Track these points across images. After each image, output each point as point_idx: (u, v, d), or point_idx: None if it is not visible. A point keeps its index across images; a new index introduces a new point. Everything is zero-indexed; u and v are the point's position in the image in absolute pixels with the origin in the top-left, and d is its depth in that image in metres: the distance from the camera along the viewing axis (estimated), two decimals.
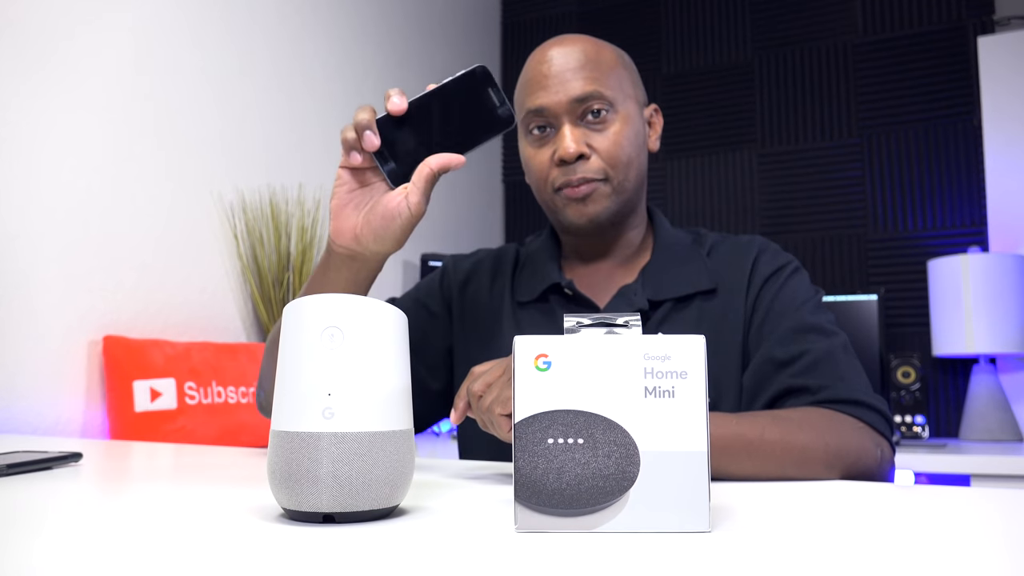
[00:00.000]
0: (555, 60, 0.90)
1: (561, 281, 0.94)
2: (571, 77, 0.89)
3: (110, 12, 1.56)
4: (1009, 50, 2.29)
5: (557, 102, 0.89)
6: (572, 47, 0.91)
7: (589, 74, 0.89)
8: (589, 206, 0.90)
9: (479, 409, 0.66)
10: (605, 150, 0.89)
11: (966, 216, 2.36)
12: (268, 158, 1.94)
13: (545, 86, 0.90)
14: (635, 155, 0.91)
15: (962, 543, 0.38)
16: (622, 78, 0.92)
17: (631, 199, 0.93)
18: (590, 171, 0.89)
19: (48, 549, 0.36)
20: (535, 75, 0.91)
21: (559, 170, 0.90)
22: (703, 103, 2.73)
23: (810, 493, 0.55)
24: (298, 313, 0.45)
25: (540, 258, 0.99)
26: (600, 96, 0.89)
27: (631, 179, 0.91)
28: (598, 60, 0.91)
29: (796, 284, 0.91)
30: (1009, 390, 2.24)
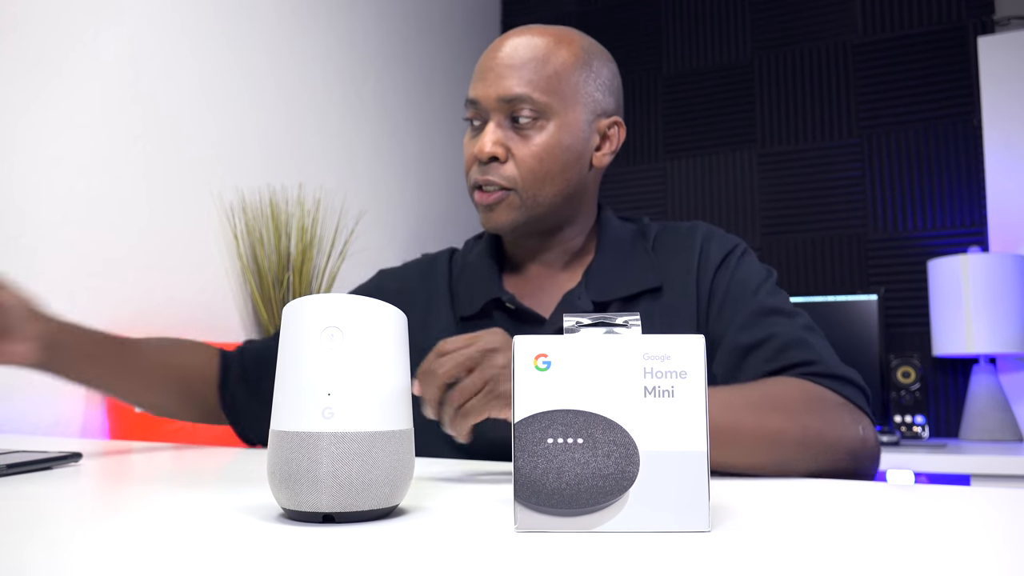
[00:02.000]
0: (502, 51, 0.86)
1: (502, 296, 0.90)
2: (507, 74, 0.85)
3: (110, 13, 1.56)
4: (1009, 50, 2.29)
5: (486, 96, 0.86)
6: (526, 41, 0.86)
7: (527, 76, 0.85)
8: (495, 214, 0.87)
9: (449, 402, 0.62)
10: (522, 159, 0.85)
11: (966, 216, 2.36)
12: (268, 158, 1.94)
13: (483, 77, 0.87)
14: (559, 170, 0.86)
15: (962, 543, 0.38)
16: (575, 84, 0.86)
17: (546, 215, 0.88)
18: (501, 176, 0.85)
19: (48, 549, 0.36)
20: (482, 62, 0.88)
21: (476, 167, 0.87)
22: (703, 103, 2.73)
23: (810, 493, 0.56)
24: (298, 313, 0.45)
25: (480, 268, 0.94)
26: (529, 101, 0.84)
27: (546, 195, 0.86)
28: (546, 61, 0.85)
29: (748, 267, 0.88)
30: (1009, 390, 2.24)
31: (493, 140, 0.85)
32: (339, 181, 2.18)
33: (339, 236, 2.15)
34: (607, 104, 0.90)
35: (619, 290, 0.89)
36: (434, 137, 2.62)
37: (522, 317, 0.90)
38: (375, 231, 2.31)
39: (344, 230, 2.17)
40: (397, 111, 2.44)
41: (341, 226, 2.16)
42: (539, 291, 0.93)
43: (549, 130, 0.85)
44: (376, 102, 2.35)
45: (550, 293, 0.93)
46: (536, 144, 0.85)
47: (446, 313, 0.94)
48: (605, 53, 0.92)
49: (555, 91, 0.85)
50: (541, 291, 0.93)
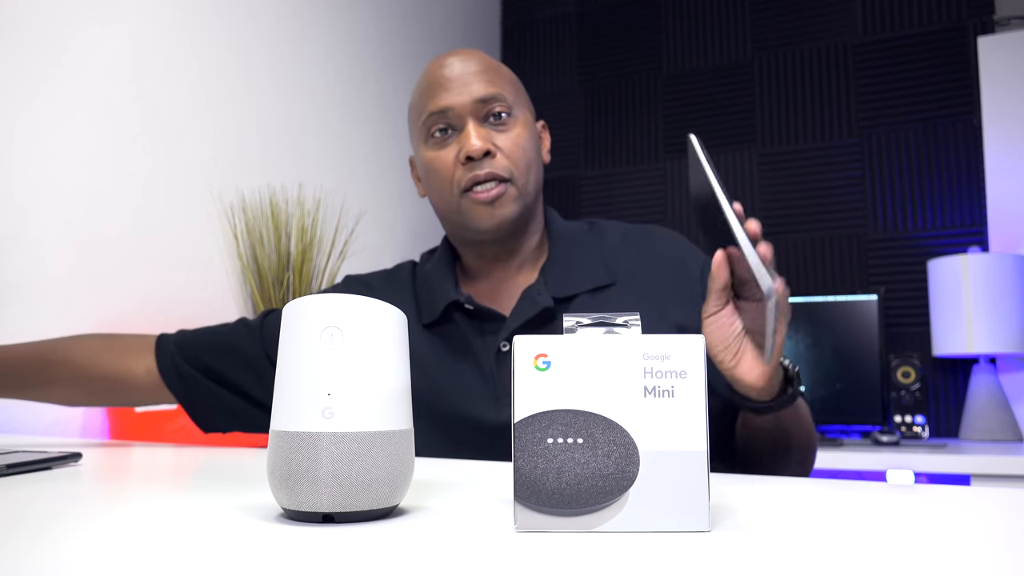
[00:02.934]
0: (455, 65, 0.92)
1: (459, 297, 0.92)
2: (473, 80, 0.91)
3: (110, 12, 1.56)
4: (1009, 50, 2.29)
5: (461, 103, 0.89)
6: (469, 55, 0.94)
7: (490, 78, 0.91)
8: (498, 209, 0.89)
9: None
10: (509, 150, 0.90)
11: (966, 216, 2.36)
12: (268, 158, 1.94)
13: (448, 88, 0.90)
14: (534, 159, 0.93)
15: (962, 543, 0.38)
16: (518, 89, 0.95)
17: (531, 204, 0.93)
18: (497, 168, 0.89)
19: (48, 549, 0.36)
20: (436, 78, 0.92)
21: (465, 168, 0.89)
22: (703, 103, 2.73)
23: (810, 493, 0.56)
24: (298, 313, 0.45)
25: (435, 276, 0.97)
26: (502, 99, 0.91)
27: (532, 183, 0.92)
28: (497, 68, 0.94)
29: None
30: (1009, 390, 2.24)
31: (481, 136, 0.89)
32: (339, 181, 2.18)
33: (339, 236, 2.15)
34: (533, 110, 0.99)
35: (578, 285, 0.92)
36: None
37: (483, 317, 0.92)
38: (375, 231, 2.31)
39: (344, 230, 2.17)
40: (397, 111, 2.44)
41: (341, 226, 2.16)
42: (497, 292, 0.96)
43: (519, 123, 0.92)
44: (376, 102, 2.35)
45: (508, 292, 0.95)
46: (516, 135, 0.91)
47: (412, 320, 0.97)
48: None
49: (513, 92, 0.93)
50: (499, 291, 0.96)
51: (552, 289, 0.91)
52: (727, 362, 0.70)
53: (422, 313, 0.96)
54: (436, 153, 0.91)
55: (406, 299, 0.98)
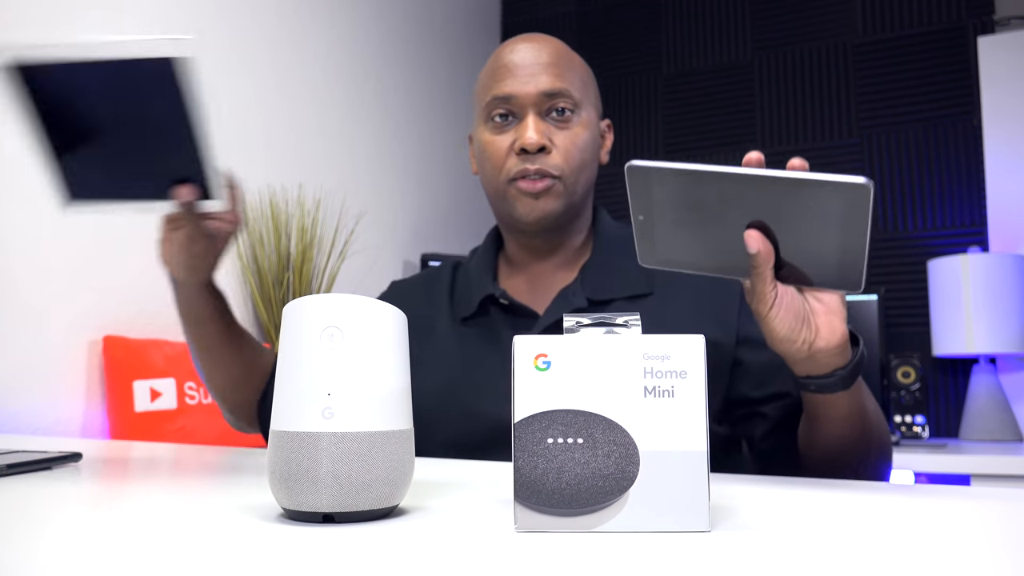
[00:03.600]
0: (528, 52, 0.90)
1: (495, 291, 0.92)
2: (541, 71, 0.89)
3: (109, 12, 1.56)
4: (1009, 50, 2.29)
5: (526, 92, 0.88)
6: (547, 43, 0.91)
7: (560, 72, 0.90)
8: (541, 202, 0.89)
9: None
10: (565, 148, 0.89)
11: (966, 216, 2.36)
12: (268, 158, 1.94)
13: (515, 75, 0.89)
14: (589, 160, 0.92)
15: (962, 543, 0.38)
16: (587, 85, 0.93)
17: (578, 204, 0.92)
18: (549, 165, 0.88)
19: (48, 549, 0.36)
20: (505, 63, 0.91)
21: (518, 159, 0.89)
22: (703, 103, 2.73)
23: (810, 493, 0.56)
24: (298, 313, 0.45)
25: (475, 270, 0.97)
26: (568, 95, 0.89)
27: (582, 183, 0.91)
28: (570, 61, 0.91)
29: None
30: (1009, 390, 2.24)
31: (539, 131, 0.88)
32: (339, 181, 2.18)
33: (339, 236, 2.15)
34: (600, 108, 0.97)
35: (615, 290, 0.91)
36: (434, 137, 2.62)
37: (516, 312, 0.92)
38: (375, 231, 2.31)
39: (344, 230, 2.17)
40: (398, 111, 2.44)
41: (341, 226, 2.16)
42: (535, 288, 0.96)
43: (581, 122, 0.91)
44: (377, 102, 2.35)
45: (546, 290, 0.95)
46: (575, 134, 0.90)
47: (446, 317, 0.97)
48: None
49: (581, 87, 0.91)
50: (537, 288, 0.96)
51: (588, 291, 0.90)
52: (810, 338, 0.64)
53: (460, 307, 0.96)
54: (493, 137, 0.91)
55: (442, 298, 0.99)
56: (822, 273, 0.62)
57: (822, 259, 0.61)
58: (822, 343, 0.64)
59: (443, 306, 0.98)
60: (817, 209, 0.57)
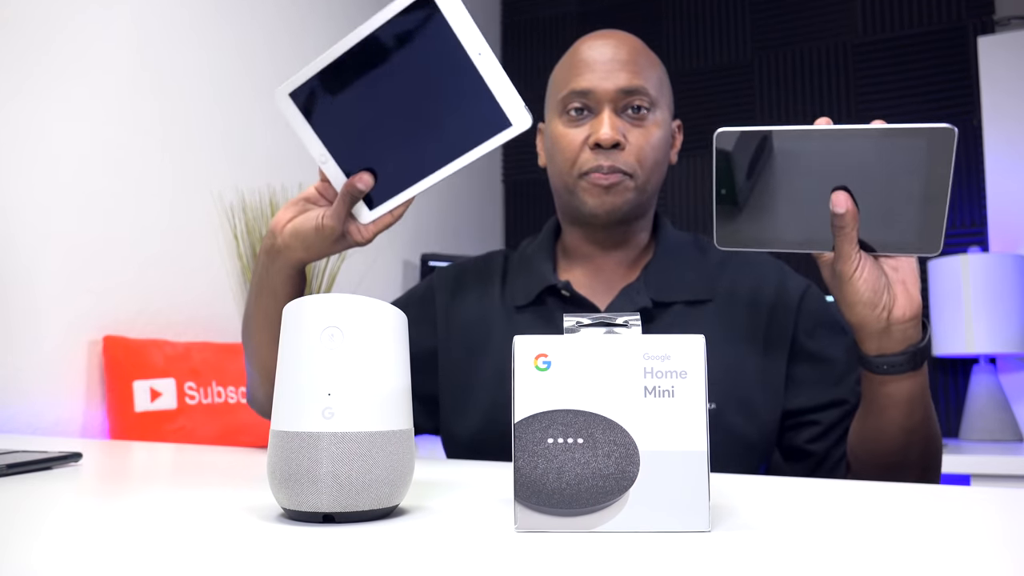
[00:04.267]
0: (607, 48, 0.90)
1: (557, 283, 0.92)
2: (620, 68, 0.89)
3: (110, 12, 1.56)
4: (1009, 50, 2.29)
5: (603, 88, 0.88)
6: (625, 39, 0.92)
7: (638, 69, 0.90)
8: (612, 195, 0.89)
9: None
10: (639, 147, 0.89)
11: (966, 216, 2.36)
12: (268, 158, 1.94)
13: (594, 69, 0.89)
14: (661, 160, 0.92)
15: (962, 543, 0.38)
16: (663, 84, 0.93)
17: (646, 202, 0.92)
18: (621, 162, 0.88)
19: (48, 549, 0.36)
20: (584, 57, 0.91)
21: (591, 154, 0.89)
22: (703, 103, 2.73)
23: (810, 493, 0.56)
24: (298, 313, 0.45)
25: (536, 260, 0.97)
26: (645, 93, 0.89)
27: (653, 182, 0.91)
28: (648, 59, 0.92)
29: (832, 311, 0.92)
30: (1009, 390, 2.24)
31: (615, 127, 0.88)
32: None
33: None
34: (673, 108, 0.97)
35: (678, 293, 0.91)
36: None
37: (577, 305, 0.92)
38: None
39: None
40: None
41: None
42: (595, 282, 0.96)
43: (656, 122, 0.91)
44: None
45: (606, 284, 0.95)
46: (650, 133, 0.90)
47: (498, 305, 0.96)
48: None
49: (657, 87, 0.91)
50: (597, 282, 0.96)
51: (652, 291, 0.90)
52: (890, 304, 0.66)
53: (515, 296, 0.95)
54: (567, 130, 0.91)
55: (494, 286, 0.98)
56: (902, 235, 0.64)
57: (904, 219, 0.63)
58: (899, 311, 0.66)
59: (495, 296, 0.97)
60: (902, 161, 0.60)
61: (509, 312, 0.95)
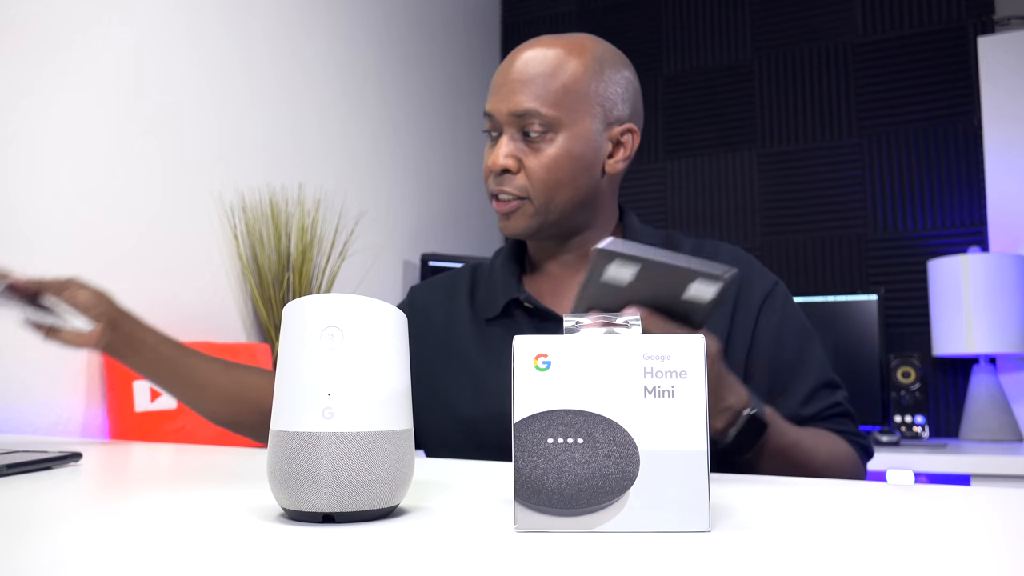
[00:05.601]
0: (513, 66, 0.90)
1: (520, 295, 0.93)
2: (518, 89, 0.88)
3: (110, 12, 1.56)
4: (1009, 50, 2.29)
5: (499, 111, 0.89)
6: (537, 54, 0.89)
7: (536, 91, 0.87)
8: (511, 221, 0.90)
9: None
10: (533, 171, 0.88)
11: (966, 216, 2.36)
12: (268, 158, 1.94)
13: (496, 91, 0.90)
14: (568, 179, 0.89)
15: (962, 543, 0.38)
16: (585, 95, 0.88)
17: (560, 220, 0.91)
18: (512, 187, 0.89)
19: (48, 549, 0.36)
20: (496, 76, 0.92)
21: (492, 178, 0.91)
22: (703, 103, 2.73)
23: (810, 493, 0.56)
24: (298, 313, 0.45)
25: (501, 271, 0.98)
26: (538, 115, 0.87)
27: (558, 202, 0.89)
28: (555, 75, 0.87)
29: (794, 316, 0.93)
30: (1009, 390, 2.24)
31: (505, 153, 0.89)
32: (339, 181, 2.18)
33: (339, 236, 2.15)
34: (620, 112, 0.92)
35: None
36: (434, 137, 2.62)
37: (541, 316, 0.93)
38: (375, 231, 2.31)
39: (344, 230, 2.17)
40: (398, 111, 2.44)
41: (341, 226, 2.16)
42: (559, 290, 0.96)
43: (558, 142, 0.88)
44: (377, 102, 2.35)
45: (568, 292, 0.96)
46: (546, 156, 0.88)
47: (467, 319, 0.98)
48: (620, 60, 0.93)
49: (563, 104, 0.88)
50: (561, 291, 0.96)
51: None
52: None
53: (482, 309, 0.97)
54: (486, 152, 0.93)
55: (462, 301, 1.00)
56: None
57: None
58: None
59: (464, 310, 0.99)
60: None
61: (480, 325, 0.96)
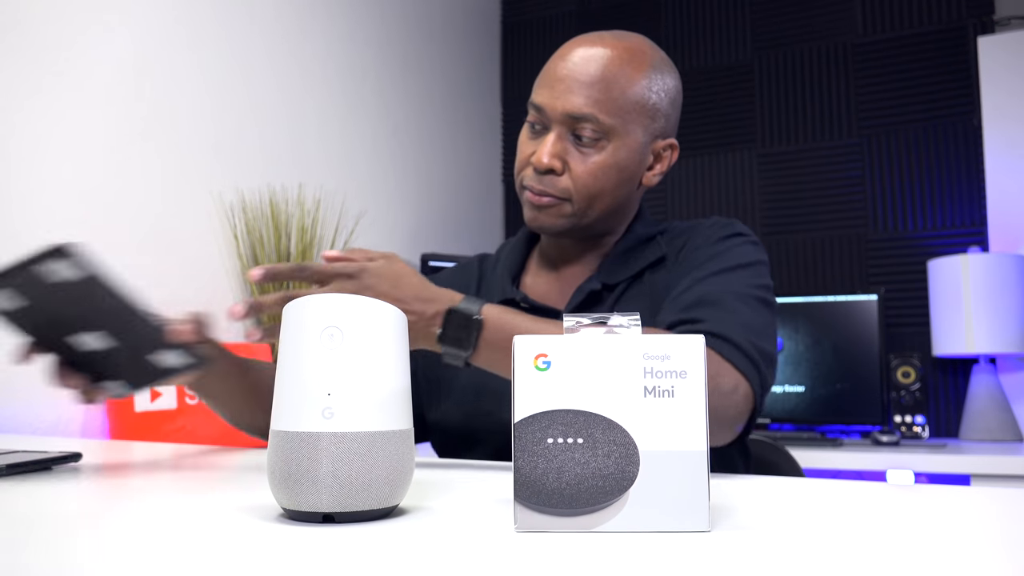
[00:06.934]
0: (573, 63, 0.86)
1: (515, 296, 0.93)
2: (577, 90, 0.85)
3: (110, 13, 1.56)
4: (1009, 50, 2.29)
5: (552, 107, 0.86)
6: (596, 54, 0.86)
7: (596, 94, 0.85)
8: (542, 216, 0.89)
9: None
10: (578, 176, 0.86)
11: (966, 216, 2.36)
12: (268, 158, 1.94)
13: (552, 85, 0.87)
14: (610, 188, 0.88)
15: (962, 543, 0.38)
16: (638, 104, 0.87)
17: (592, 224, 0.90)
18: (553, 187, 0.87)
19: (48, 549, 0.36)
20: (551, 69, 0.88)
21: (530, 171, 0.88)
22: (703, 103, 2.73)
23: (810, 492, 0.55)
24: (298, 313, 0.45)
25: (502, 268, 0.98)
26: (595, 121, 0.85)
27: (596, 209, 0.88)
28: (615, 80, 0.85)
29: (731, 244, 0.88)
30: (1009, 390, 2.24)
31: (552, 153, 0.86)
32: (339, 181, 2.18)
33: (339, 236, 2.15)
34: (665, 125, 0.91)
35: (626, 272, 0.91)
36: (434, 137, 2.62)
37: (539, 312, 0.92)
38: (375, 231, 2.31)
39: (344, 230, 2.17)
40: (397, 111, 2.44)
41: (341, 226, 2.16)
42: (559, 285, 0.96)
43: (608, 150, 0.87)
44: (376, 102, 2.35)
45: (569, 287, 0.95)
46: (594, 163, 0.86)
47: None
48: (671, 68, 0.91)
49: (619, 113, 0.86)
50: (561, 286, 0.96)
51: (602, 276, 0.91)
52: None
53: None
54: (524, 138, 0.91)
55: (471, 292, 1.00)
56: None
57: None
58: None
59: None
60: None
61: None
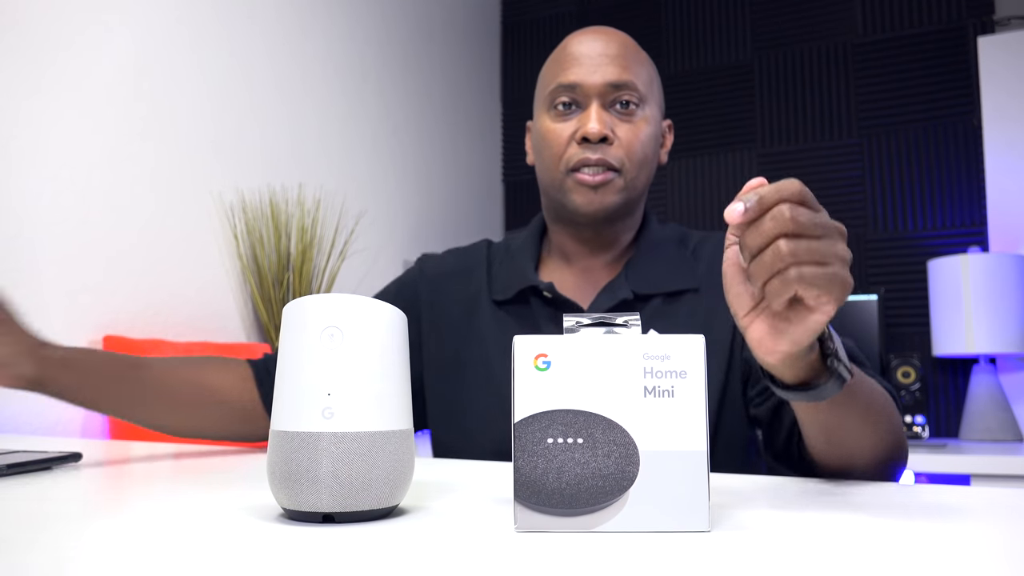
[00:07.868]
0: (596, 43, 0.89)
1: (539, 284, 0.90)
2: (609, 62, 0.88)
3: (110, 13, 1.56)
4: (1009, 50, 2.29)
5: (591, 82, 0.87)
6: (613, 35, 0.91)
7: (627, 64, 0.89)
8: (600, 195, 0.87)
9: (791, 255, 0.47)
10: (628, 141, 0.87)
11: (966, 216, 2.36)
12: (268, 158, 1.94)
13: (582, 63, 0.88)
14: (651, 157, 0.90)
15: (962, 543, 0.38)
16: (653, 81, 0.92)
17: (635, 200, 0.91)
18: (610, 156, 0.86)
19: (49, 549, 0.36)
20: (572, 52, 0.90)
21: (579, 148, 0.87)
22: (703, 103, 2.73)
23: (810, 492, 0.55)
24: (298, 313, 0.45)
25: (519, 255, 0.95)
26: (634, 88, 0.88)
27: (641, 179, 0.90)
28: (637, 56, 0.90)
29: None
30: (1009, 390, 2.24)
31: (602, 120, 0.87)
32: (339, 181, 2.18)
33: (339, 236, 2.15)
34: (663, 106, 0.95)
35: (659, 285, 0.90)
36: (434, 137, 2.62)
37: (559, 306, 0.91)
38: (375, 231, 2.31)
39: (344, 230, 2.17)
40: (397, 111, 2.44)
41: (341, 226, 2.16)
42: (580, 281, 0.94)
43: (646, 118, 0.89)
44: (376, 102, 2.35)
45: (590, 284, 0.94)
46: (638, 128, 0.89)
47: (483, 296, 0.95)
48: None
49: (645, 83, 0.90)
50: (582, 281, 0.94)
51: (633, 284, 0.90)
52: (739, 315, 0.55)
53: (496, 290, 0.94)
54: (554, 125, 0.90)
55: (480, 274, 0.97)
56: None
57: None
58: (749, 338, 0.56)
59: (481, 288, 0.96)
60: None
61: (492, 307, 0.94)
